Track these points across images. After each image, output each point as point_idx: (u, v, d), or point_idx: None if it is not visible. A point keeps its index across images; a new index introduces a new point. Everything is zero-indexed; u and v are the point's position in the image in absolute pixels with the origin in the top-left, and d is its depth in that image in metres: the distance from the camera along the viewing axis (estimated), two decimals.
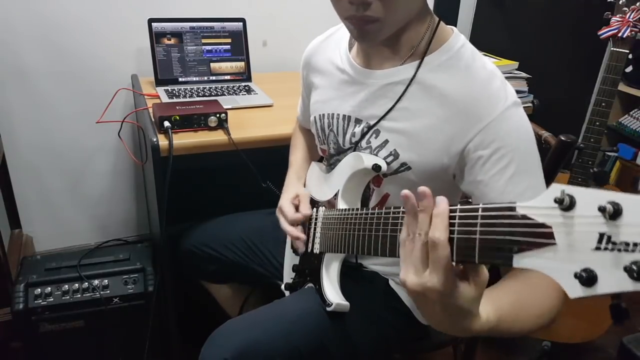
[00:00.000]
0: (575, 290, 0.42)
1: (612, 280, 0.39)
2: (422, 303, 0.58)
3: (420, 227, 0.56)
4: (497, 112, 0.77)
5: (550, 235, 0.44)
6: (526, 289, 0.70)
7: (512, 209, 0.48)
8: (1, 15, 1.57)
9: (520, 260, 0.47)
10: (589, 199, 0.41)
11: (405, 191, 0.58)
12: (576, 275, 0.41)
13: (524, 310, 0.68)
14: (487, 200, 0.78)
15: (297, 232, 0.98)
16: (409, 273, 0.57)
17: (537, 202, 0.46)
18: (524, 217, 0.47)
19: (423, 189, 0.56)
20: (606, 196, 0.40)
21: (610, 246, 0.40)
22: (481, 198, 0.79)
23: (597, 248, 0.40)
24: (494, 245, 0.50)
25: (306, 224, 1.01)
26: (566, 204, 0.42)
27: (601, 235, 0.40)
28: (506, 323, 0.64)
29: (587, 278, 0.40)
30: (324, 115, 0.98)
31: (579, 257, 0.42)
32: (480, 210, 0.52)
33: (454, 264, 0.55)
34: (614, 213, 0.39)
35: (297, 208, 1.02)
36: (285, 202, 1.03)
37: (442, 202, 0.55)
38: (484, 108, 0.77)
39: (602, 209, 0.40)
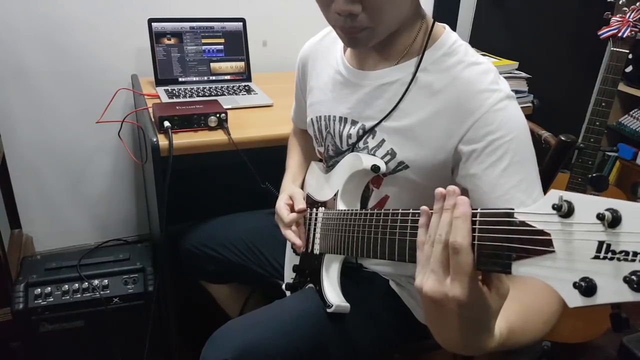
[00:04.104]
0: (575, 299, 0.41)
1: (612, 290, 0.39)
2: (437, 313, 0.54)
3: (441, 229, 0.52)
4: (490, 105, 0.76)
5: (549, 243, 0.44)
6: (530, 294, 0.66)
7: (511, 214, 0.47)
8: (1, 15, 1.57)
9: (519, 268, 0.46)
10: (588, 205, 0.40)
11: (440, 189, 0.53)
12: (575, 285, 0.41)
13: (530, 318, 0.65)
14: (480, 193, 0.76)
15: (294, 237, 0.98)
16: (428, 279, 0.53)
17: (536, 208, 0.45)
18: (523, 223, 0.46)
19: (453, 187, 0.53)
20: (605, 203, 0.39)
21: (609, 255, 0.39)
22: (474, 191, 0.78)
23: (597, 257, 0.40)
24: (491, 251, 0.49)
25: (306, 224, 1.01)
26: (564, 211, 0.42)
27: (600, 244, 0.39)
28: (515, 335, 0.60)
29: (587, 288, 0.40)
30: (320, 117, 0.98)
31: (578, 265, 0.41)
32: (478, 215, 0.51)
33: None
34: (612, 221, 0.38)
35: (292, 208, 1.02)
36: (280, 204, 1.03)
37: (464, 203, 0.51)
38: (476, 101, 0.77)
39: (600, 217, 0.39)
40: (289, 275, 1.09)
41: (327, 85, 0.97)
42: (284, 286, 1.07)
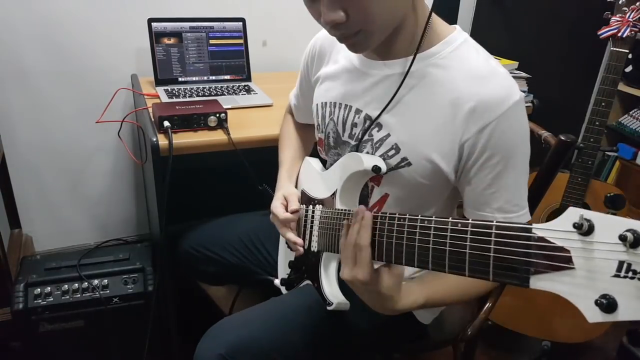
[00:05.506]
0: (595, 315, 0.42)
1: (633, 309, 0.40)
2: (357, 291, 0.76)
3: (351, 234, 0.73)
4: (498, 113, 0.77)
5: (569, 260, 0.45)
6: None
7: (529, 230, 0.49)
8: (1, 15, 1.57)
9: (537, 282, 0.48)
10: (608, 225, 0.41)
11: (356, 208, 0.75)
12: (596, 303, 0.42)
13: (450, 291, 0.85)
14: (466, 192, 0.85)
15: (295, 237, 0.98)
16: (345, 269, 0.74)
17: (555, 224, 0.46)
18: (541, 239, 0.47)
19: (362, 207, 0.74)
20: (625, 224, 0.40)
21: (630, 274, 0.40)
22: (468, 190, 0.84)
23: (617, 275, 0.41)
24: (509, 265, 0.51)
25: (302, 220, 1.01)
26: (585, 229, 0.43)
27: (621, 263, 0.40)
28: (433, 301, 0.82)
29: (607, 305, 0.41)
30: (325, 103, 0.98)
31: (598, 283, 0.42)
32: (494, 228, 0.53)
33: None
34: (634, 242, 0.39)
35: (286, 208, 1.02)
36: (275, 204, 1.03)
37: (367, 217, 0.72)
38: (486, 108, 0.77)
39: (622, 238, 0.40)
40: (283, 271, 1.08)
41: (336, 73, 0.96)
42: (278, 281, 1.06)
